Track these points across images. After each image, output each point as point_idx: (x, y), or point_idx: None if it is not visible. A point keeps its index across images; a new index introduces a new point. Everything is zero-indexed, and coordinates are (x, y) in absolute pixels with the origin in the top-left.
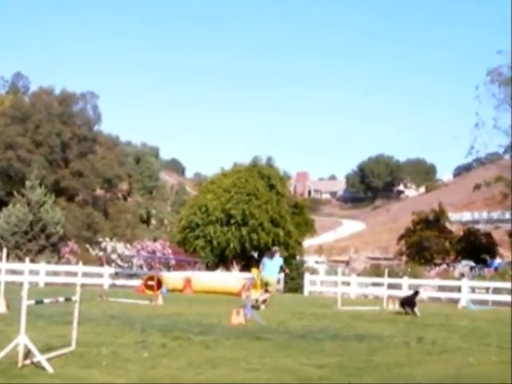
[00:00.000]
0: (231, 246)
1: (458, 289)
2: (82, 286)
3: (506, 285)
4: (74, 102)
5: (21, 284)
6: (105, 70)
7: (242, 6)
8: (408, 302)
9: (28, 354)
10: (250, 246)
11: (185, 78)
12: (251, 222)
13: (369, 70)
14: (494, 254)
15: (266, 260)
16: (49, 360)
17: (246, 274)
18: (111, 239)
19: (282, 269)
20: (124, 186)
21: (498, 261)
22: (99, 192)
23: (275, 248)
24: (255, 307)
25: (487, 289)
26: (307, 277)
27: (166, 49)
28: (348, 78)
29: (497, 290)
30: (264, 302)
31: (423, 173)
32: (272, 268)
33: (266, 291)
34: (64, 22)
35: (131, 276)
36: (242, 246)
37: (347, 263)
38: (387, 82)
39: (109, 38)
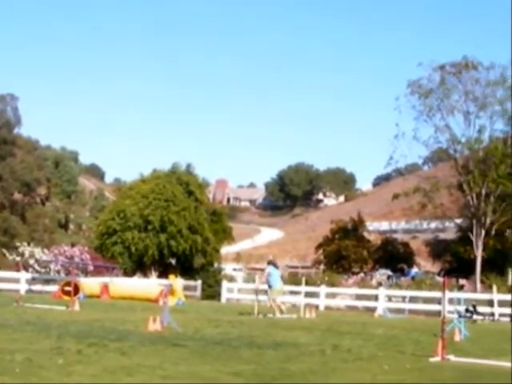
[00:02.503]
0: (149, 252)
1: (375, 297)
2: None
3: (422, 294)
4: None
5: None
6: (24, 72)
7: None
8: None
9: None
10: (168, 253)
11: (104, 82)
12: (169, 228)
13: (290, 76)
14: (411, 263)
15: (273, 269)
16: None
17: (164, 281)
18: (29, 244)
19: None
20: (42, 191)
21: (414, 270)
22: (17, 196)
23: (274, 259)
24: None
25: (404, 297)
26: (225, 284)
27: (86, 50)
28: (269, 84)
29: (413, 299)
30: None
31: (342, 182)
32: (279, 278)
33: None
34: None
35: (48, 281)
36: (160, 252)
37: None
38: (308, 89)
39: (29, 39)
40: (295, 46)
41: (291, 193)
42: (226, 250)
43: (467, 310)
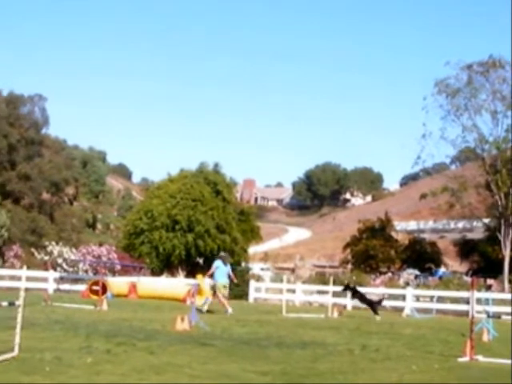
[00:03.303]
0: (177, 252)
1: (403, 297)
2: (27, 290)
3: (450, 293)
4: (22, 104)
5: None
6: (53, 72)
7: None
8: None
9: None
10: (195, 253)
11: (133, 83)
12: (197, 228)
13: (317, 76)
14: (438, 263)
15: (220, 264)
16: None
17: (192, 280)
18: (57, 243)
19: (229, 276)
20: (70, 190)
21: (442, 270)
22: (45, 196)
23: (226, 254)
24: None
25: (431, 297)
26: (252, 284)
27: (115, 52)
28: (296, 84)
29: (441, 299)
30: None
31: (370, 181)
32: (226, 273)
33: (214, 294)
34: (11, 24)
35: (76, 281)
36: (187, 252)
37: (293, 270)
38: (336, 88)
39: (57, 41)
40: (323, 46)
41: (318, 192)
42: (253, 249)
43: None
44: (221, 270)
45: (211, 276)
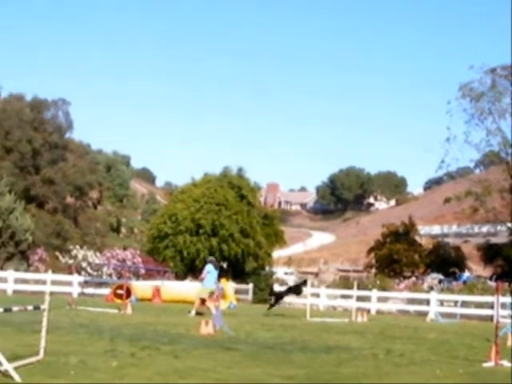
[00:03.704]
0: (201, 256)
1: (427, 302)
2: (51, 294)
3: (474, 298)
4: (46, 109)
5: None
6: (76, 77)
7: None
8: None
9: None
10: (219, 257)
11: (156, 87)
12: (221, 232)
13: (341, 82)
14: (462, 267)
15: (212, 269)
16: (16, 369)
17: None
18: (81, 247)
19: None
20: (94, 194)
21: (466, 274)
22: (69, 200)
23: (214, 258)
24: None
25: (455, 302)
26: (276, 288)
27: (138, 56)
28: (320, 89)
29: (465, 304)
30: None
31: (393, 186)
32: (215, 278)
33: (203, 301)
34: (36, 28)
35: (100, 284)
36: (211, 256)
37: (316, 275)
38: (360, 92)
39: (81, 45)
40: (348, 50)
41: (342, 196)
42: (277, 253)
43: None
44: (212, 274)
45: (202, 280)
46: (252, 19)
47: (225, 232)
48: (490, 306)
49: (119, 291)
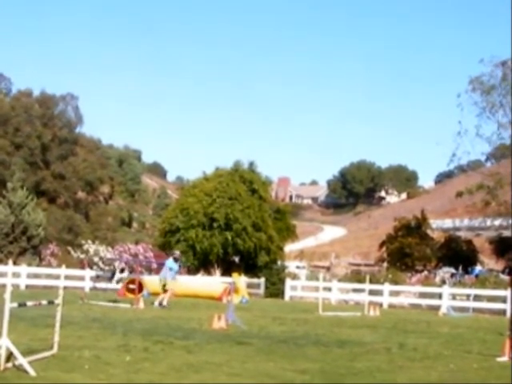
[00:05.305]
0: (214, 250)
1: (439, 296)
2: (64, 288)
3: (487, 292)
4: (55, 104)
5: (2, 286)
6: (87, 71)
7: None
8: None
9: (10, 356)
10: (232, 251)
11: (167, 81)
12: (235, 226)
13: (352, 76)
14: (474, 261)
15: (172, 263)
16: (31, 363)
17: (227, 279)
18: (93, 242)
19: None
20: (106, 189)
21: (478, 268)
22: (81, 194)
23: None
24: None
25: (468, 296)
26: (288, 282)
27: (148, 51)
28: (331, 83)
29: (477, 297)
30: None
31: (405, 179)
32: (176, 273)
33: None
34: (45, 23)
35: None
36: (224, 250)
37: (328, 269)
38: (370, 88)
39: (90, 40)
40: (358, 44)
41: (353, 190)
42: (289, 247)
43: None
44: (174, 270)
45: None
46: (268, 12)
47: (238, 226)
48: (503, 299)
49: (131, 286)
